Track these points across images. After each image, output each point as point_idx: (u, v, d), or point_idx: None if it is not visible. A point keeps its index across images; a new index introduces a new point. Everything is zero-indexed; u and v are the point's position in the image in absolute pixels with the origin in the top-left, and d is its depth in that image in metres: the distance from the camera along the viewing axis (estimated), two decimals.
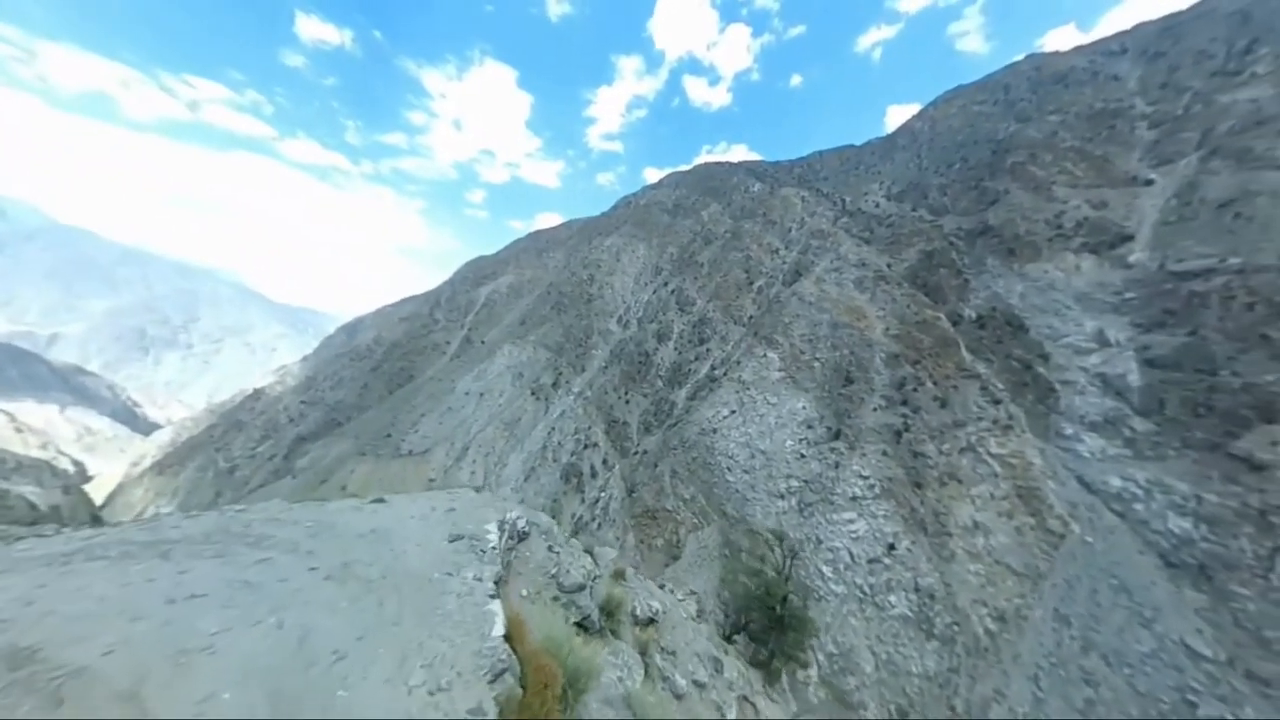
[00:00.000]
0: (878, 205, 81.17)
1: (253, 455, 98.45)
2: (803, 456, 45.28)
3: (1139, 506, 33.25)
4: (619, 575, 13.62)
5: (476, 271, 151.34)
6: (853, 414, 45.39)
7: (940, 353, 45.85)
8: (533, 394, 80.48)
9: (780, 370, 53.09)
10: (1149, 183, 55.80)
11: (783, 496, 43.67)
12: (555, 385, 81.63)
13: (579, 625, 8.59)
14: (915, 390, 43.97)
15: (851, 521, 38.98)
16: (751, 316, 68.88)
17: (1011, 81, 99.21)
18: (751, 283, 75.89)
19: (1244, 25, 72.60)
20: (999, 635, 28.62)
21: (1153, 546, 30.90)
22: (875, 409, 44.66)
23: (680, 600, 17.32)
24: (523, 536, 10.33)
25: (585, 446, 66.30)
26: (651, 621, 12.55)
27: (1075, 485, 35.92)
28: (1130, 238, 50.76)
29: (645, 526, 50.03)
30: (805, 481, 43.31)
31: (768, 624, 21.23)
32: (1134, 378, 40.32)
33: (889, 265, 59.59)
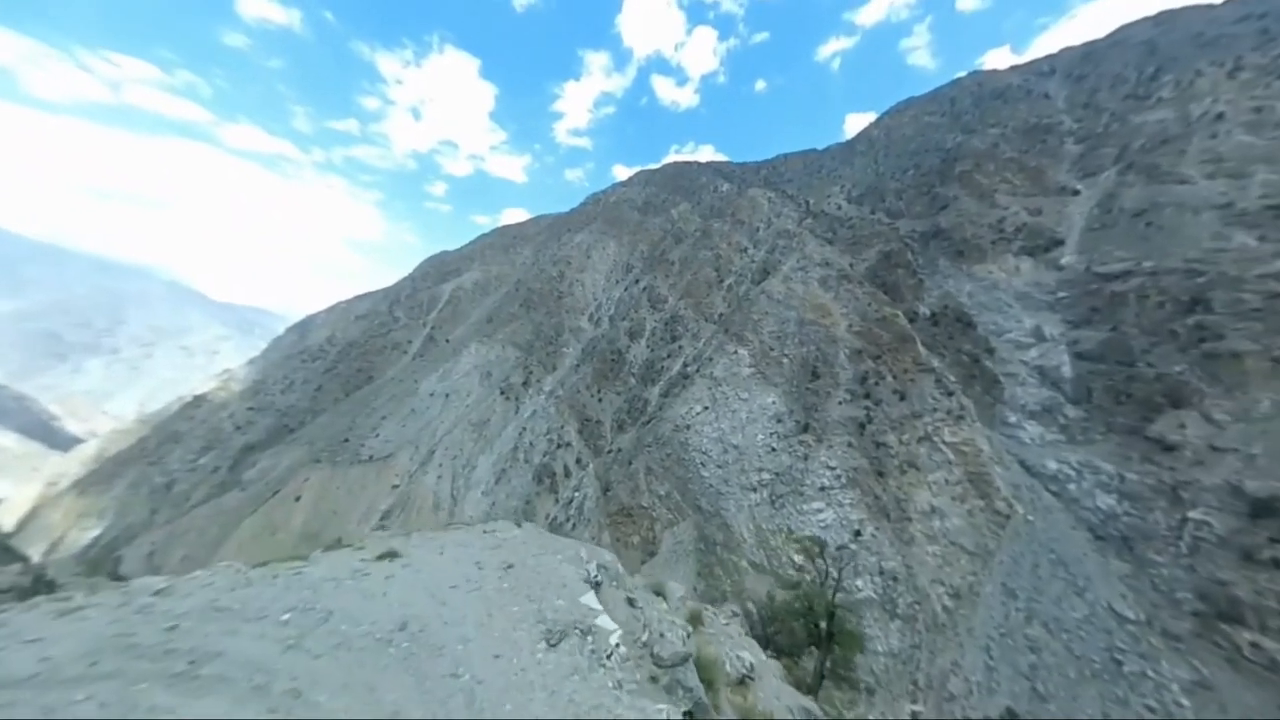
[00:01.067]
0: (839, 207, 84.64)
1: (193, 468, 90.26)
2: (773, 450, 46.51)
3: (1072, 486, 36.43)
4: (696, 620, 10.80)
5: (439, 267, 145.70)
6: (820, 408, 47.08)
7: (899, 348, 48.35)
8: (502, 394, 78.35)
9: (751, 366, 54.29)
10: (1076, 192, 61.23)
11: (755, 489, 44.69)
12: (526, 384, 79.84)
13: (688, 716, 5.76)
14: (877, 384, 46.15)
15: (820, 511, 40.43)
16: (722, 314, 70.07)
17: (957, 95, 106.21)
18: (721, 281, 77.22)
19: (1151, 55, 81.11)
20: (955, 611, 30.53)
21: (1084, 522, 33.94)
22: (840, 402, 46.52)
23: (725, 624, 14.81)
24: (596, 586, 7.96)
25: (558, 446, 65.24)
26: (745, 679, 10.06)
27: (1018, 469, 38.89)
28: (1061, 242, 55.51)
29: (621, 524, 49.81)
30: (776, 474, 44.51)
31: (806, 639, 19.21)
32: (1066, 369, 44.13)
33: (851, 265, 62.25)
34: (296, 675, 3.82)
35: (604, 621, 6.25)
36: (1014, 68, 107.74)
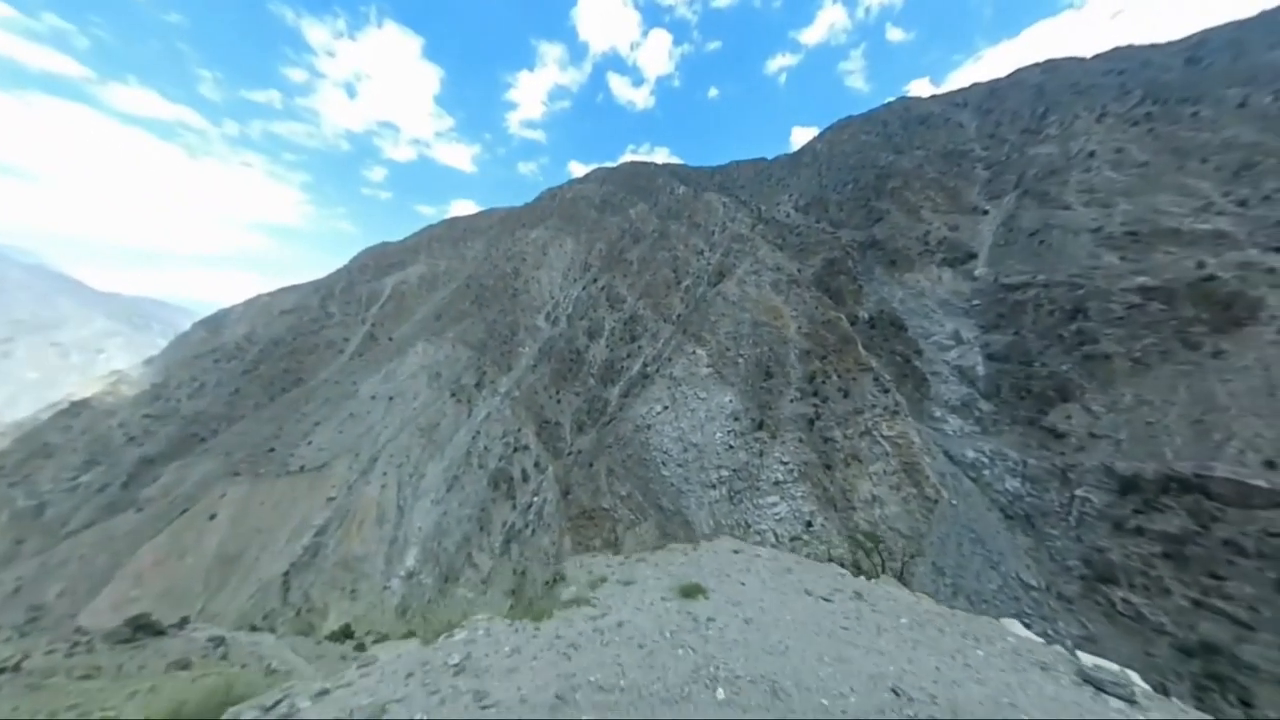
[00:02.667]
0: (788, 215, 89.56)
1: (73, 487, 76.57)
2: (731, 447, 48.33)
3: (986, 472, 41.43)
4: None
5: (380, 259, 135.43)
6: (773, 405, 49.60)
7: (842, 349, 52.17)
8: (453, 395, 74.44)
9: (709, 366, 55.97)
10: (986, 212, 69.50)
11: (714, 486, 46.20)
12: (479, 385, 76.46)
13: None
14: (824, 382, 49.48)
15: (775, 504, 42.67)
16: (680, 315, 71.53)
17: (888, 118, 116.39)
18: (679, 282, 78.79)
19: (1040, 96, 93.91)
20: None
21: (996, 503, 38.75)
22: (792, 400, 49.33)
23: None
24: None
25: (515, 450, 63.19)
26: None
27: (943, 458, 43.51)
28: (974, 255, 62.77)
29: (583, 528, 49.31)
30: (734, 470, 46.30)
31: None
32: (979, 369, 50.03)
33: (799, 270, 66.15)
34: None
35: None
36: (934, 97, 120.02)
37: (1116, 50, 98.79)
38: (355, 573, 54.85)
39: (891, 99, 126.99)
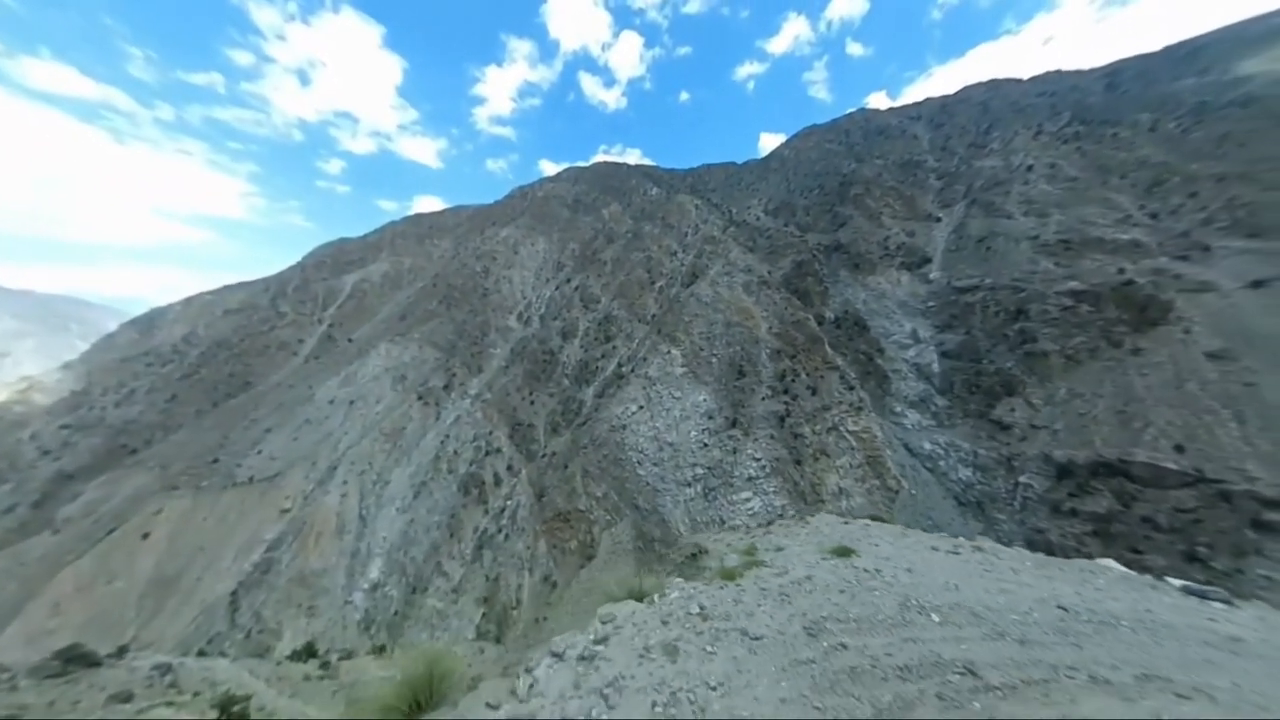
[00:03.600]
0: (758, 219, 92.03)
1: None
2: (705, 445, 49.10)
3: (941, 463, 44.21)
4: None
5: (338, 256, 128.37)
6: (746, 404, 50.81)
7: (810, 348, 54.16)
8: (420, 399, 71.56)
9: (683, 366, 56.63)
10: (939, 219, 74.17)
11: (689, 484, 46.77)
12: (447, 388, 73.89)
13: None
14: (793, 381, 51.19)
15: (748, 500, 43.72)
16: (654, 315, 71.97)
17: (850, 128, 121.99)
18: (653, 282, 79.28)
19: (985, 113, 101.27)
20: None
21: (950, 492, 41.42)
22: (764, 398, 50.72)
23: None
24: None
25: (486, 453, 61.50)
26: None
27: (903, 451, 46.06)
28: (929, 260, 66.85)
29: (558, 530, 48.67)
30: (709, 468, 47.06)
31: None
32: (935, 366, 53.32)
33: (769, 272, 68.12)
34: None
35: None
36: (891, 109, 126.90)
37: (1048, 74, 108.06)
38: (313, 588, 51.64)
39: (852, 110, 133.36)
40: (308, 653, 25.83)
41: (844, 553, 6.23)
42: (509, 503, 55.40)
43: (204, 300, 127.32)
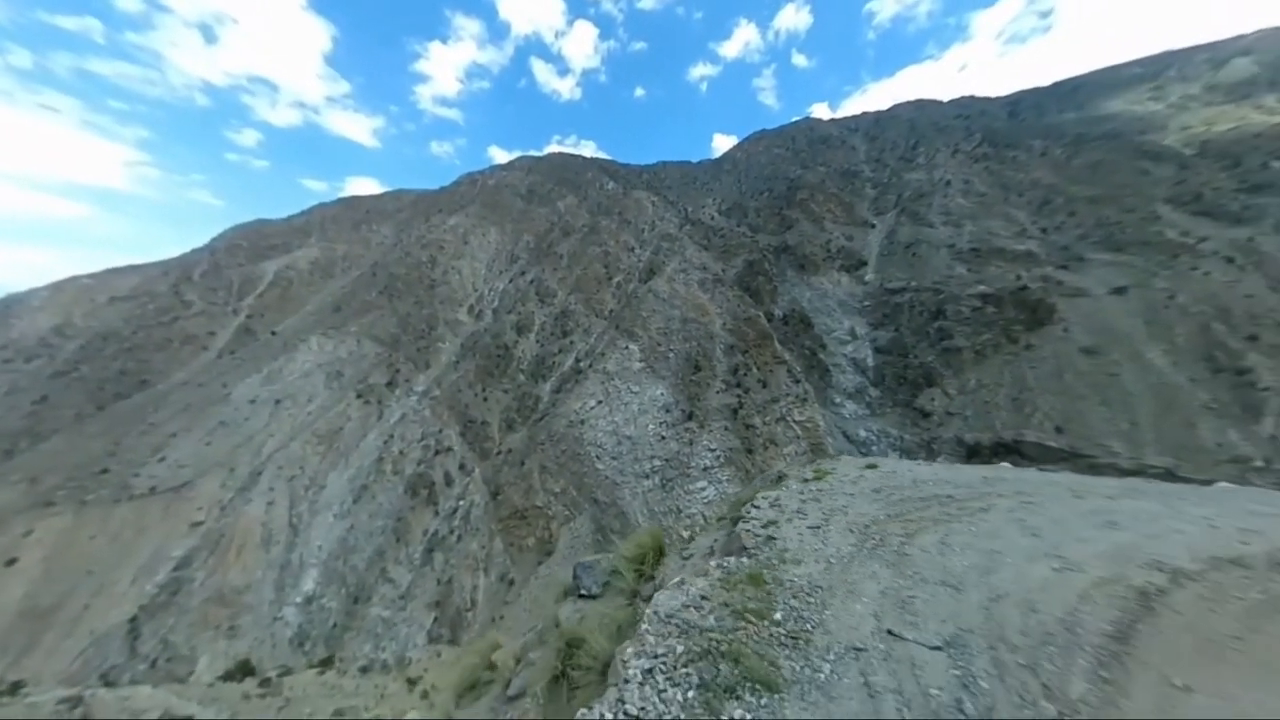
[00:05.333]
0: (712, 218, 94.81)
1: None
2: (663, 438, 50.34)
3: (874, 448, 48.71)
4: None
5: (257, 239, 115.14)
6: (701, 397, 52.65)
7: (761, 344, 57.10)
8: (359, 396, 66.53)
9: (641, 361, 57.45)
10: (873, 226, 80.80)
11: (648, 476, 47.80)
12: (391, 385, 69.31)
13: None
14: (745, 375, 53.77)
15: (704, 489, 45.53)
16: (612, 310, 72.10)
17: (796, 135, 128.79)
18: (611, 277, 79.24)
19: (912, 130, 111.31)
20: None
21: None
22: (718, 391, 52.84)
23: None
24: None
25: (436, 453, 58.65)
26: None
27: (841, 438, 50.16)
28: (865, 263, 72.76)
29: (514, 528, 47.78)
30: (666, 460, 48.35)
31: None
32: (869, 360, 58.41)
33: (723, 270, 70.67)
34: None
35: None
36: (832, 120, 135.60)
37: (964, 98, 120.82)
38: (234, 606, 46.68)
39: (798, 118, 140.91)
40: (243, 671, 23.55)
41: (873, 465, 9.66)
42: (461, 503, 53.38)
43: (80, 285, 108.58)
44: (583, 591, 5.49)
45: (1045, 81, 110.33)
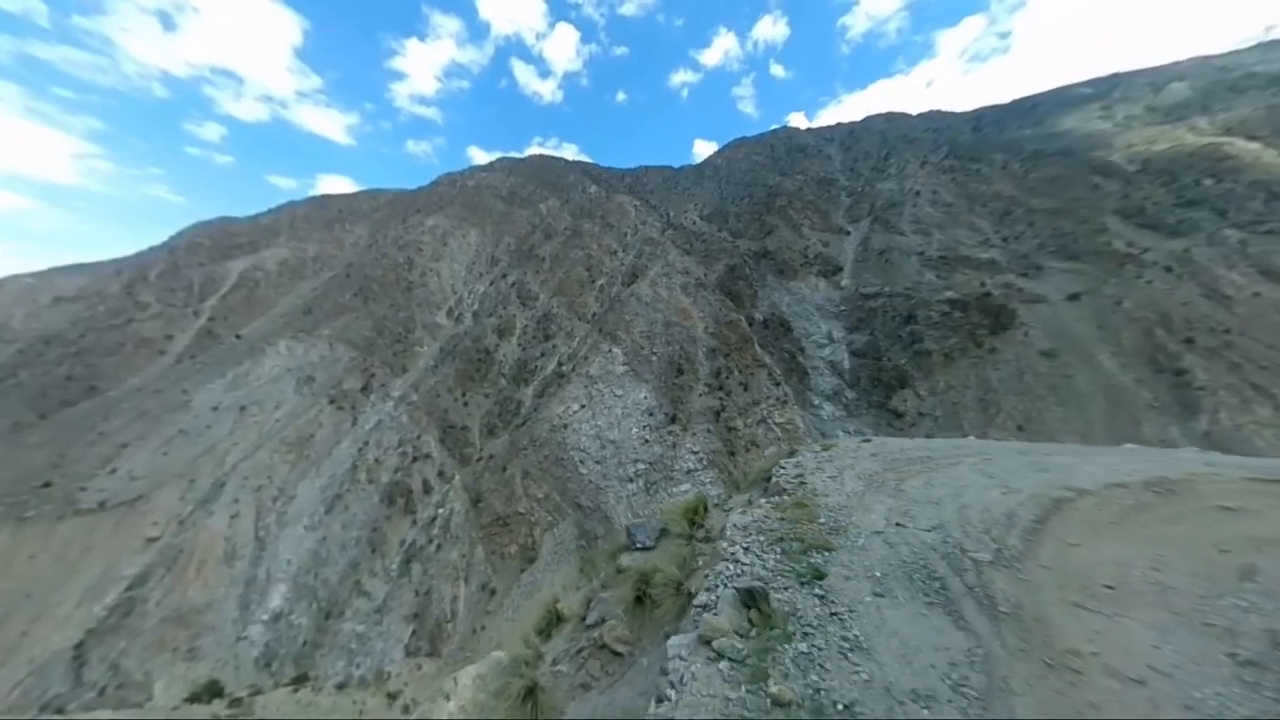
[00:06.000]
0: (694, 223, 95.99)
1: None
2: (647, 441, 50.47)
3: None
4: None
5: (221, 239, 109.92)
6: (684, 400, 53.09)
7: (742, 347, 58.07)
8: (332, 402, 64.15)
9: (624, 364, 57.51)
10: (848, 233, 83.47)
11: (632, 480, 47.78)
12: (366, 390, 67.12)
13: None
14: (727, 378, 54.55)
15: (687, 492, 45.83)
16: (595, 314, 71.97)
17: (775, 143, 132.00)
18: (593, 281, 79.13)
19: (884, 141, 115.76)
20: None
21: None
22: (700, 394, 53.40)
23: None
24: None
25: (414, 460, 57.05)
26: None
27: (820, 439, 51.44)
28: (841, 268, 75.05)
29: (496, 536, 46.91)
30: (650, 464, 48.47)
31: None
32: (846, 363, 60.17)
33: (705, 274, 71.61)
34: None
35: None
36: (809, 130, 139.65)
37: (932, 112, 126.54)
38: (194, 627, 44.09)
39: (776, 126, 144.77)
40: (210, 692, 22.28)
41: (867, 440, 10.73)
42: (441, 511, 52.04)
43: (21, 284, 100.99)
44: (637, 545, 6.34)
45: (1006, 99, 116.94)
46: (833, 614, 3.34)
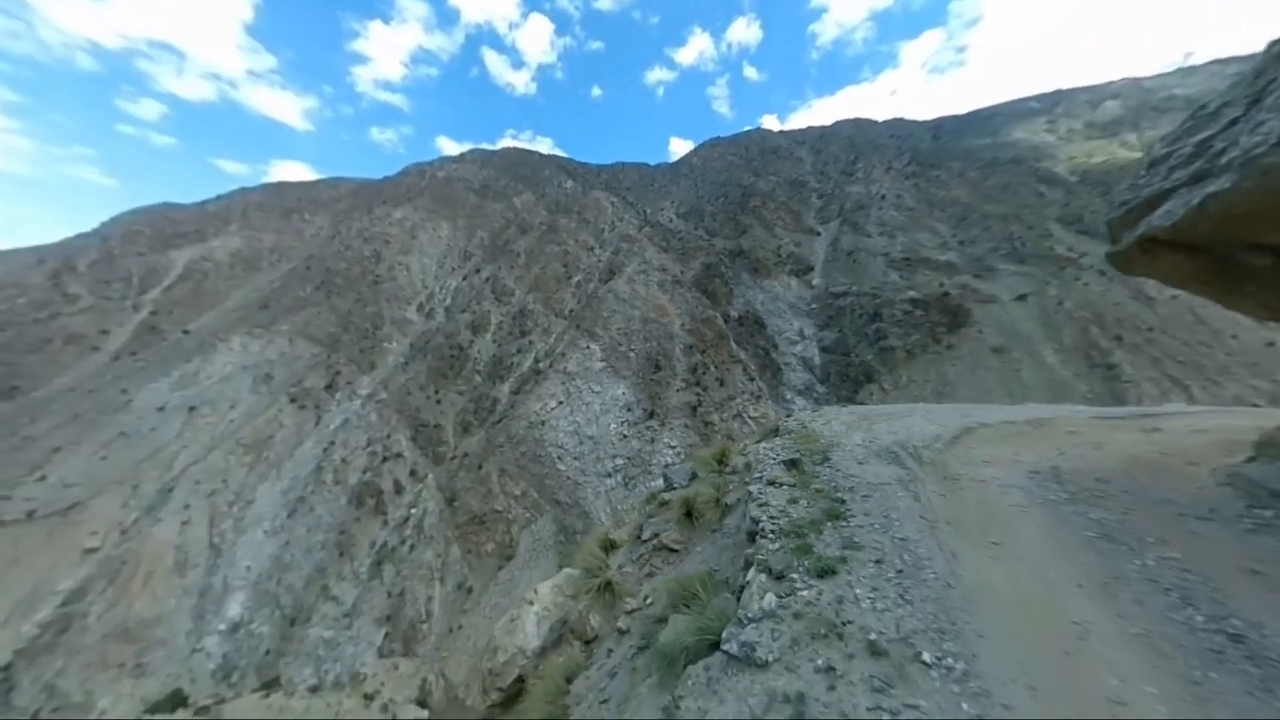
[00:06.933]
0: (671, 221, 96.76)
1: None
2: (625, 437, 50.90)
3: None
4: None
5: (163, 226, 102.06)
6: (662, 396, 53.82)
7: (718, 344, 59.36)
8: (293, 401, 61.09)
9: (602, 360, 57.64)
10: (818, 234, 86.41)
11: (610, 475, 48.13)
12: (330, 388, 64.27)
13: None
14: (704, 373, 55.67)
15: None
16: (572, 310, 71.57)
17: (749, 144, 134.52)
18: (570, 277, 78.59)
19: (852, 146, 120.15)
20: None
21: None
22: (678, 390, 54.27)
23: None
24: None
25: (384, 459, 55.24)
26: None
27: None
28: (812, 268, 77.68)
29: (472, 534, 46.24)
30: (628, 459, 48.94)
31: None
32: (817, 359, 62.52)
33: (682, 272, 72.54)
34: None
35: None
36: (781, 132, 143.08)
37: (895, 120, 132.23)
38: (141, 641, 41.28)
39: (750, 127, 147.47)
40: (173, 702, 21.07)
41: (844, 405, 12.15)
42: (413, 511, 50.72)
43: None
44: (674, 486, 7.88)
45: (963, 109, 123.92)
46: (836, 469, 5.72)
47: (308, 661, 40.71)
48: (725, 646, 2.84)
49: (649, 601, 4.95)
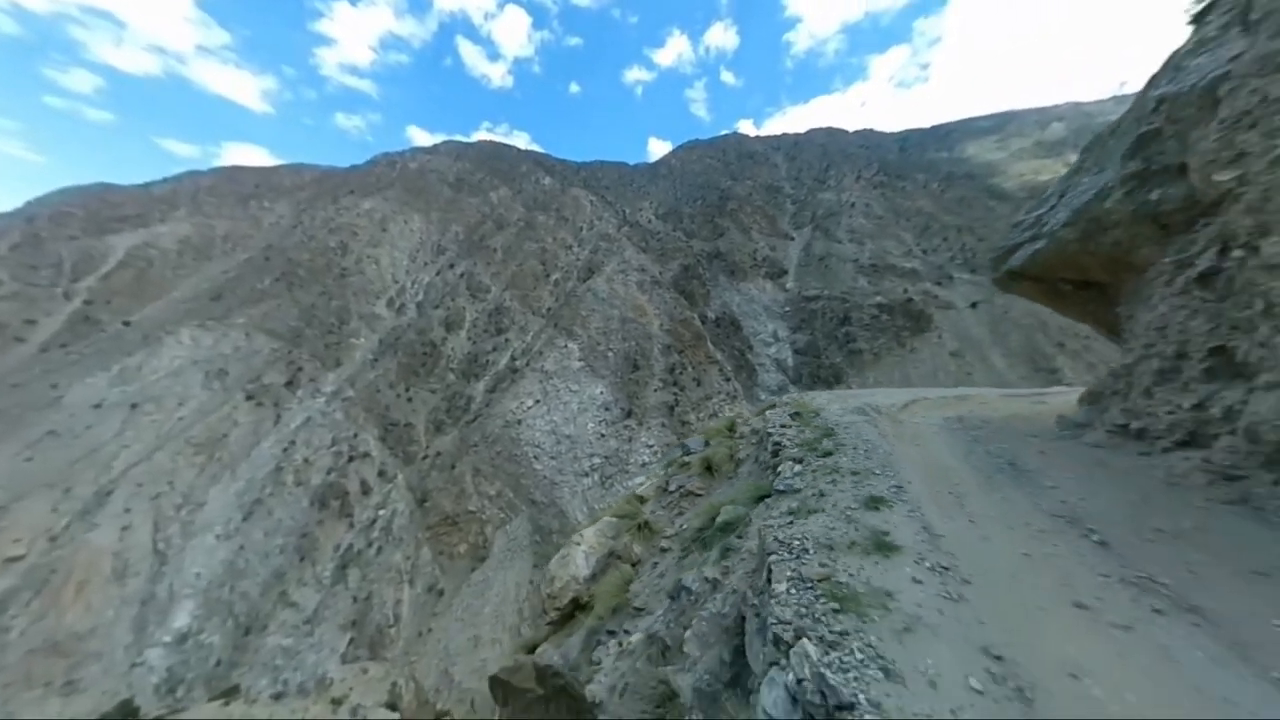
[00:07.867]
0: (650, 221, 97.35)
1: None
2: (603, 436, 50.98)
3: None
4: None
5: (99, 209, 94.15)
6: (640, 395, 54.23)
7: (695, 344, 60.33)
8: (250, 398, 57.74)
9: (580, 360, 57.47)
10: (792, 238, 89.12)
11: (587, 474, 48.09)
12: (291, 385, 61.13)
13: None
14: (681, 373, 56.47)
15: (642, 484, 47.03)
16: (550, 308, 70.93)
17: (726, 148, 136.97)
18: (548, 275, 77.83)
19: (825, 154, 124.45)
20: None
21: None
22: (656, 389, 54.82)
23: None
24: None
25: (350, 459, 53.09)
26: None
27: None
28: (786, 272, 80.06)
29: (444, 535, 45.20)
30: (606, 458, 49.06)
31: None
32: (790, 360, 64.56)
33: (660, 272, 73.20)
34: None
35: None
36: (757, 137, 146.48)
37: (865, 130, 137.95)
38: (73, 656, 38.05)
39: (727, 131, 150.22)
40: (123, 713, 19.63)
41: (828, 390, 14.77)
42: (382, 513, 49.01)
43: None
44: (691, 451, 9.43)
45: (927, 123, 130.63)
46: (824, 418, 7.81)
47: (264, 671, 38.65)
48: (776, 486, 5.20)
49: (684, 527, 6.58)
